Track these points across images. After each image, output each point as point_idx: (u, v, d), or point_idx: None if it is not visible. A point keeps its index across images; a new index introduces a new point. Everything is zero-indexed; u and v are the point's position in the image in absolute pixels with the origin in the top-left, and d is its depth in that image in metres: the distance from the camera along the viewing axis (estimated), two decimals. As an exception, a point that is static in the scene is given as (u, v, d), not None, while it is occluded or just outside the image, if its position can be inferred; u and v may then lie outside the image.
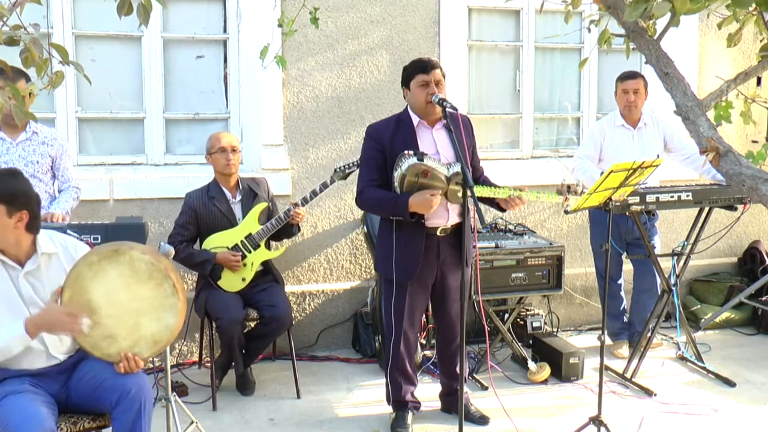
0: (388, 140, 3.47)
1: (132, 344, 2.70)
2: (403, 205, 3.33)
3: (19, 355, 2.69)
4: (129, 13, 2.19)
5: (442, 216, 3.51)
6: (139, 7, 2.18)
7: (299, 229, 4.35)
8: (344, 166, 4.27)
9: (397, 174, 3.37)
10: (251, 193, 4.25)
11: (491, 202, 3.58)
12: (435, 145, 3.51)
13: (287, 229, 4.24)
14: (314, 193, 4.22)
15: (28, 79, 3.60)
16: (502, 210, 3.62)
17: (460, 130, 3.45)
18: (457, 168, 3.34)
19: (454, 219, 3.54)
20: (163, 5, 2.45)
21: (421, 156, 3.35)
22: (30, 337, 2.57)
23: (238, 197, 4.23)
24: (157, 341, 2.73)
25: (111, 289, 2.65)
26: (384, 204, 3.47)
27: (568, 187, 3.46)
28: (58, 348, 2.81)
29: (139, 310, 2.68)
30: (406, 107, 3.59)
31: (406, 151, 3.36)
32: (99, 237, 3.35)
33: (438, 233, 3.53)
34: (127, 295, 2.67)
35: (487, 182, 3.69)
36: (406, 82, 3.54)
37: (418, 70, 3.47)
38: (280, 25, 3.78)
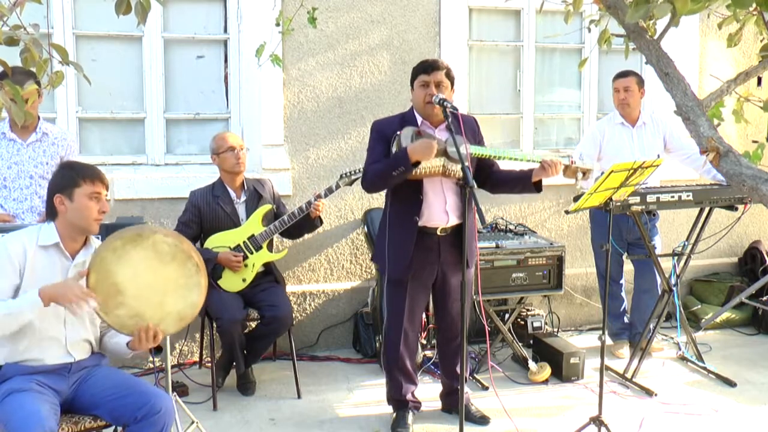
0: (392, 136, 3.48)
1: (158, 321, 2.76)
2: (403, 154, 3.29)
3: (38, 343, 2.73)
4: (127, 12, 2.19)
5: (441, 218, 3.52)
6: (137, 5, 2.17)
7: (322, 222, 4.30)
8: (350, 172, 4.25)
9: (394, 148, 3.39)
10: (256, 194, 4.24)
11: (526, 185, 3.54)
12: (436, 146, 3.52)
13: (309, 222, 4.20)
14: (319, 197, 4.20)
15: (37, 81, 3.55)
16: (539, 190, 3.55)
17: (461, 131, 3.44)
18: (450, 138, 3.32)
19: (454, 221, 3.54)
20: (163, 4, 2.44)
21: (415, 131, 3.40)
22: (42, 303, 2.59)
23: (243, 198, 4.22)
24: (182, 318, 2.80)
25: (136, 271, 2.70)
26: (384, 167, 3.40)
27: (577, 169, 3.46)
28: (75, 347, 2.84)
29: (165, 289, 2.74)
30: (412, 107, 3.60)
31: (398, 131, 3.39)
32: (99, 237, 3.34)
33: (438, 232, 3.53)
34: (152, 277, 2.72)
35: (503, 173, 3.66)
36: (411, 82, 3.57)
37: (420, 70, 3.50)
38: (277, 24, 3.78)
